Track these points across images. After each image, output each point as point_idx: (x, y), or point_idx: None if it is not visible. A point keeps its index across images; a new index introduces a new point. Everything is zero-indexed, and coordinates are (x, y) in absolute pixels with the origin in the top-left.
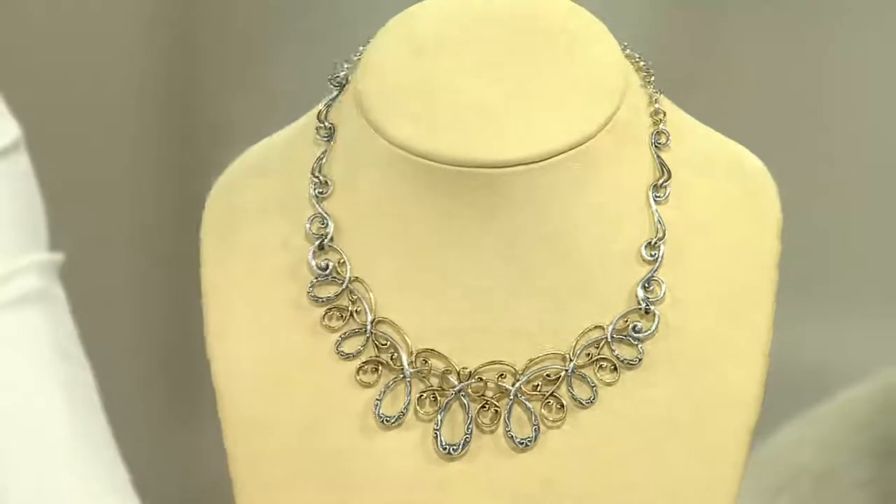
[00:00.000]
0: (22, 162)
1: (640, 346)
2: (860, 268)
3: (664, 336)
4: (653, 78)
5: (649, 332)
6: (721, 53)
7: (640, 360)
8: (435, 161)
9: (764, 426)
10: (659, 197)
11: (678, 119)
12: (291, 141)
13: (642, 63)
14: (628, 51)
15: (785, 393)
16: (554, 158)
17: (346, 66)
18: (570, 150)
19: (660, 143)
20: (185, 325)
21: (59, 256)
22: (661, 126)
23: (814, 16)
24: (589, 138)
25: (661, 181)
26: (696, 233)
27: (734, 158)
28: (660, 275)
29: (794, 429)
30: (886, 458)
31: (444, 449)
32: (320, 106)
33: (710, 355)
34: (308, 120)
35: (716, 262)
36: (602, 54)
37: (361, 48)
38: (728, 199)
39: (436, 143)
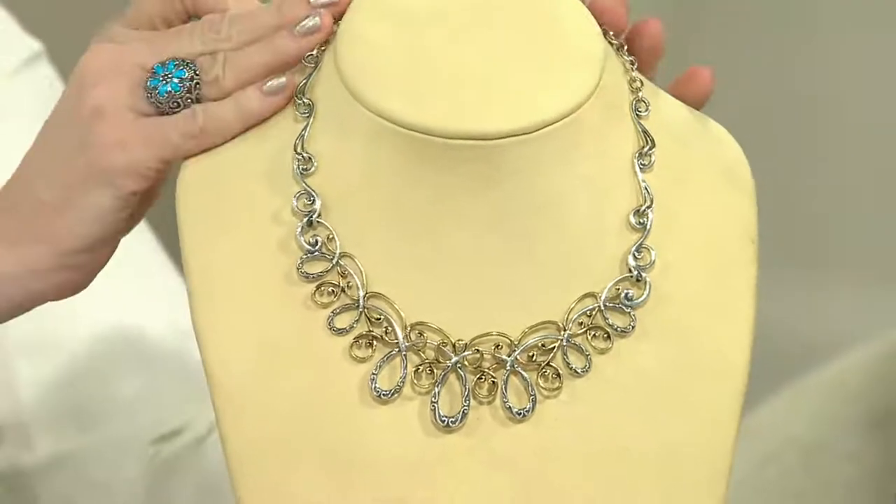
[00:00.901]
0: (44, 71)
1: (632, 313)
2: (851, 237)
3: (655, 304)
4: (626, 47)
5: (641, 299)
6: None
7: (632, 327)
8: (427, 134)
9: (754, 395)
10: (644, 165)
11: (651, 88)
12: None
13: (611, 33)
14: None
15: (775, 362)
16: (547, 128)
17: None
18: (563, 118)
19: (640, 112)
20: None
21: None
22: (640, 94)
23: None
24: (579, 106)
25: (645, 149)
26: (680, 201)
27: (702, 126)
28: (649, 242)
29: (785, 399)
30: (876, 429)
31: (443, 421)
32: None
33: (699, 323)
34: None
35: (702, 230)
36: (580, 22)
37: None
38: (706, 166)
39: (428, 116)
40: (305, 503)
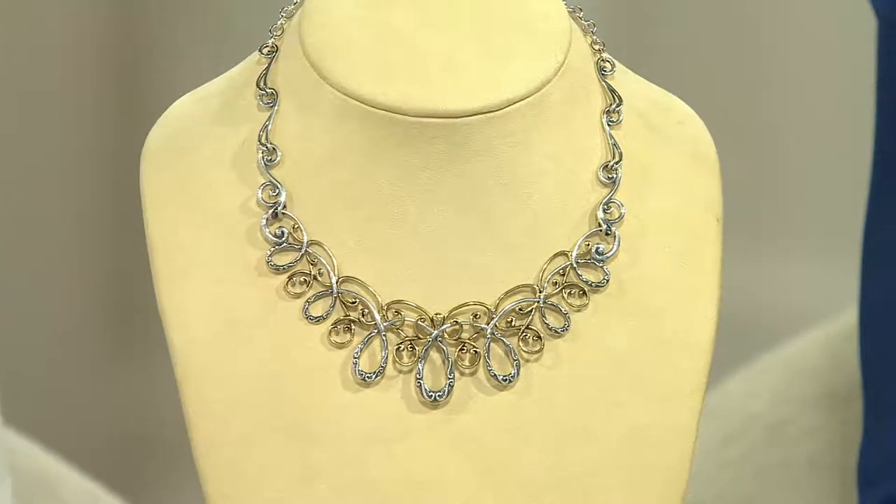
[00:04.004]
0: None
1: (605, 267)
2: (808, 214)
3: (628, 258)
4: (595, 28)
5: (611, 253)
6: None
7: (606, 281)
8: (393, 112)
9: (715, 374)
10: (613, 122)
11: (620, 68)
12: (228, 103)
13: (581, 15)
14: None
15: (736, 341)
16: (513, 106)
17: (272, 34)
18: (528, 97)
19: (605, 71)
20: (130, 255)
21: None
22: (603, 55)
23: None
24: (545, 84)
25: (612, 106)
26: (650, 166)
27: (669, 105)
28: (619, 197)
29: (746, 378)
30: (835, 405)
31: (430, 396)
32: (238, 68)
33: (666, 301)
34: (238, 78)
35: (669, 202)
36: (546, 1)
37: (283, 15)
38: (672, 143)
39: (393, 95)
40: (269, 486)
